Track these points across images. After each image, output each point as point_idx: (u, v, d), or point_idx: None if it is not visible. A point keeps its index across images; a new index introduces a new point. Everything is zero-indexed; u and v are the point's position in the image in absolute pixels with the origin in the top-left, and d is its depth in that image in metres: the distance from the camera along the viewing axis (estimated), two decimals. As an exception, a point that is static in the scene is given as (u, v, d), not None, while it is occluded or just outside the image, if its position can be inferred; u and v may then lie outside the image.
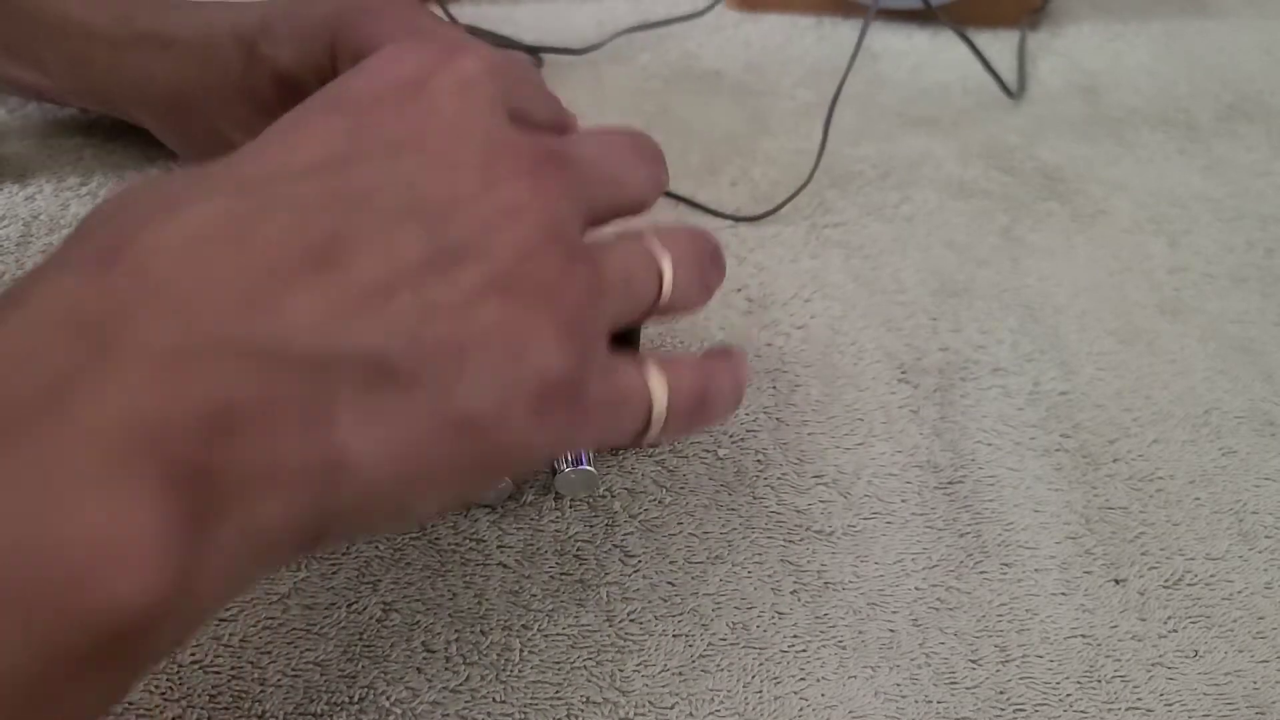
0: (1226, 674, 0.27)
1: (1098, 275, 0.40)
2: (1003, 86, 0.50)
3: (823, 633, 0.27)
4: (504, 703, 0.25)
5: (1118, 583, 0.29)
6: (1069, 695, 0.26)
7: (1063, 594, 0.28)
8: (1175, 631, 0.28)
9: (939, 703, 0.26)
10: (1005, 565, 0.29)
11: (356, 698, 0.25)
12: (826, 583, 0.28)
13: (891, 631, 0.27)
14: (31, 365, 0.15)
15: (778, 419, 0.33)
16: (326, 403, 0.17)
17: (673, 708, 0.25)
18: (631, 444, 0.24)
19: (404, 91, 0.21)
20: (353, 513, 0.18)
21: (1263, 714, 0.26)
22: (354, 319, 0.18)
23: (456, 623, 0.27)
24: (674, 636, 0.27)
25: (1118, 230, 0.42)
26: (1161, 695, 0.26)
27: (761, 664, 0.26)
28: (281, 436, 0.17)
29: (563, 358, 0.20)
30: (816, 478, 0.31)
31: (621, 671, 0.26)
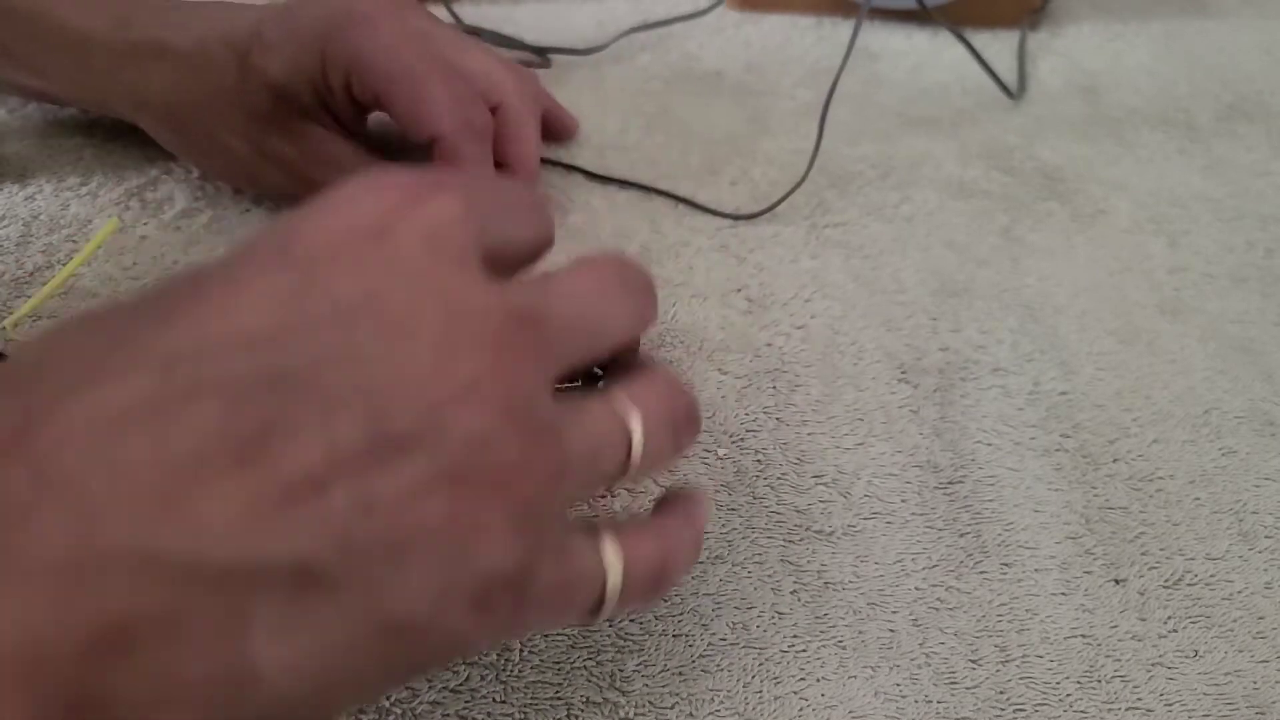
0: (1226, 674, 0.27)
1: (1098, 275, 0.40)
2: (1002, 86, 0.50)
3: (823, 633, 0.27)
4: (504, 703, 0.25)
5: (1118, 583, 0.29)
6: (1069, 695, 0.26)
7: (1063, 594, 0.28)
8: (1175, 631, 0.28)
9: (939, 703, 0.26)
10: (1005, 565, 0.29)
11: (356, 698, 0.25)
12: (826, 583, 0.28)
13: (891, 631, 0.27)
14: None
15: (778, 419, 0.33)
16: (240, 615, 0.16)
17: (673, 708, 0.25)
18: (581, 624, 0.22)
19: (363, 242, 0.19)
20: None
21: (1263, 714, 0.26)
22: (279, 520, 0.16)
23: (456, 623, 0.27)
24: (674, 636, 0.27)
25: (1118, 230, 0.42)
26: (1161, 695, 0.26)
27: (761, 664, 0.26)
28: (186, 654, 0.15)
29: (513, 553, 0.18)
30: (816, 478, 0.31)
31: (621, 671, 0.26)
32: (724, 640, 0.27)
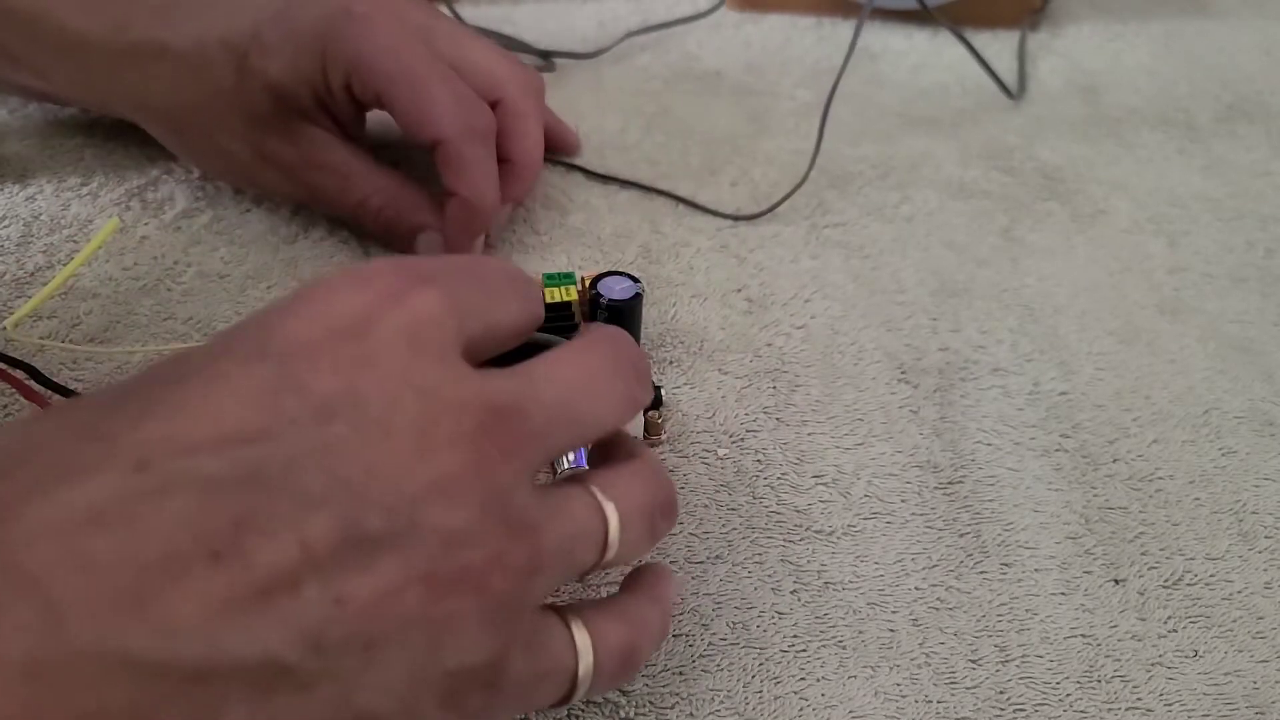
0: (1226, 674, 0.27)
1: (1097, 275, 0.40)
2: (1002, 87, 0.50)
3: (823, 633, 0.27)
4: (504, 703, 0.25)
5: (1117, 583, 0.29)
6: (1069, 695, 0.26)
7: (1062, 594, 0.28)
8: (1175, 631, 0.28)
9: (939, 703, 0.26)
10: (1005, 565, 0.29)
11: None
12: (826, 583, 0.28)
13: (891, 631, 0.27)
14: None
15: (778, 419, 0.33)
16: (210, 712, 0.16)
17: (673, 708, 0.25)
18: (553, 709, 0.22)
19: (343, 339, 0.19)
20: None
21: (1263, 714, 0.26)
22: (250, 618, 0.16)
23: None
24: (674, 636, 0.27)
25: (1117, 230, 0.42)
26: (1161, 695, 0.26)
27: (761, 664, 0.26)
28: None
29: (485, 648, 0.18)
30: (816, 478, 0.31)
31: (621, 671, 0.26)
32: (724, 640, 0.27)
